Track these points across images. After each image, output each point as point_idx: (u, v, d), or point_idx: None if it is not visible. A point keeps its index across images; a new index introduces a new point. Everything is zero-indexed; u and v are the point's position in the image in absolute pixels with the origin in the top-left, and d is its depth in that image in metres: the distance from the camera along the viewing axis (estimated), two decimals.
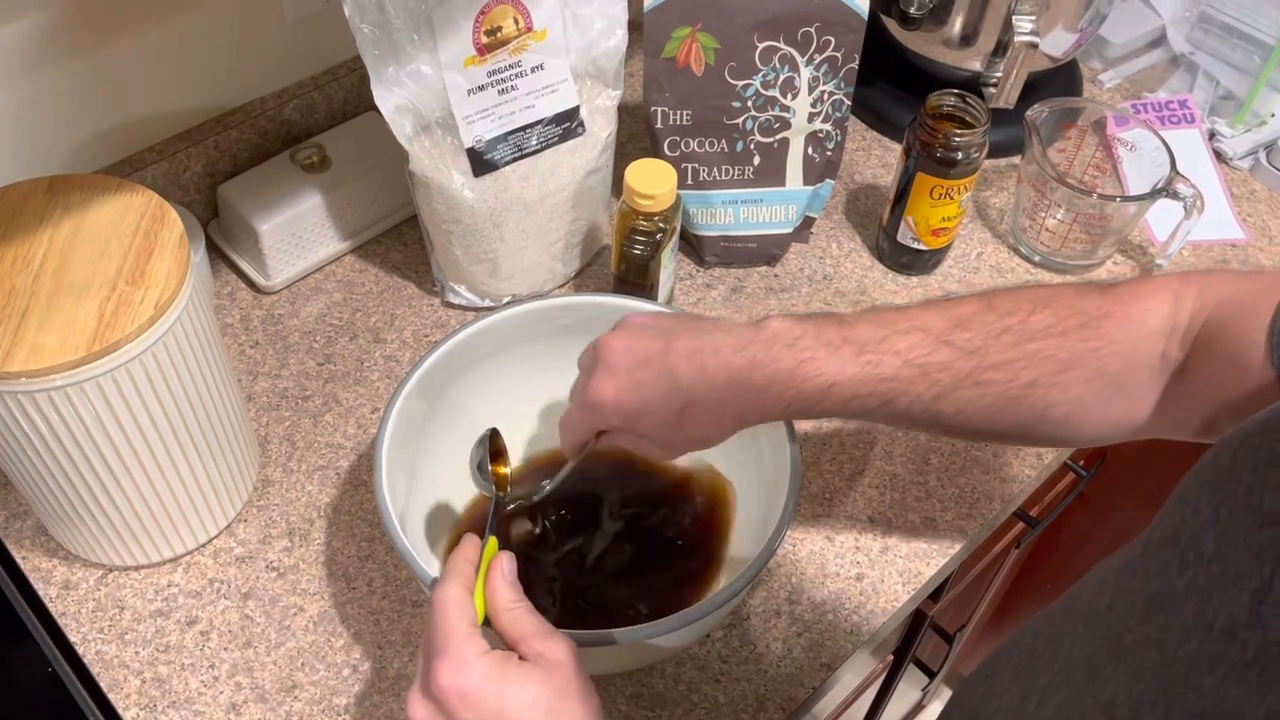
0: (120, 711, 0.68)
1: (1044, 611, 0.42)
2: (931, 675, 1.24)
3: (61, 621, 0.72)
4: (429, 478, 0.72)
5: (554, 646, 0.51)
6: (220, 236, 0.93)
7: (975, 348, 0.57)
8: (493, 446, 0.66)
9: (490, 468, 0.65)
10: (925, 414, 0.58)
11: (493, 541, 0.57)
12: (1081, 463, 1.05)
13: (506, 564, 0.55)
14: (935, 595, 1.01)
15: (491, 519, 0.60)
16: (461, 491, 0.75)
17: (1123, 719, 0.33)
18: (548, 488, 0.70)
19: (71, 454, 0.63)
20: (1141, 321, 0.57)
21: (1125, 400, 0.58)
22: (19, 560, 0.75)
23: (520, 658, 0.51)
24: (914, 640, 1.08)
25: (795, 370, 0.56)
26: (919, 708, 1.58)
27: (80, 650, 0.71)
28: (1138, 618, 0.35)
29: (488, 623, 0.53)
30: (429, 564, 0.68)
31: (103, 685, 0.69)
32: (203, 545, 0.76)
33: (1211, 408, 0.55)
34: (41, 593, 0.73)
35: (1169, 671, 0.32)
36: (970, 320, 0.58)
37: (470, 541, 0.56)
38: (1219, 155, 1.08)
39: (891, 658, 1.13)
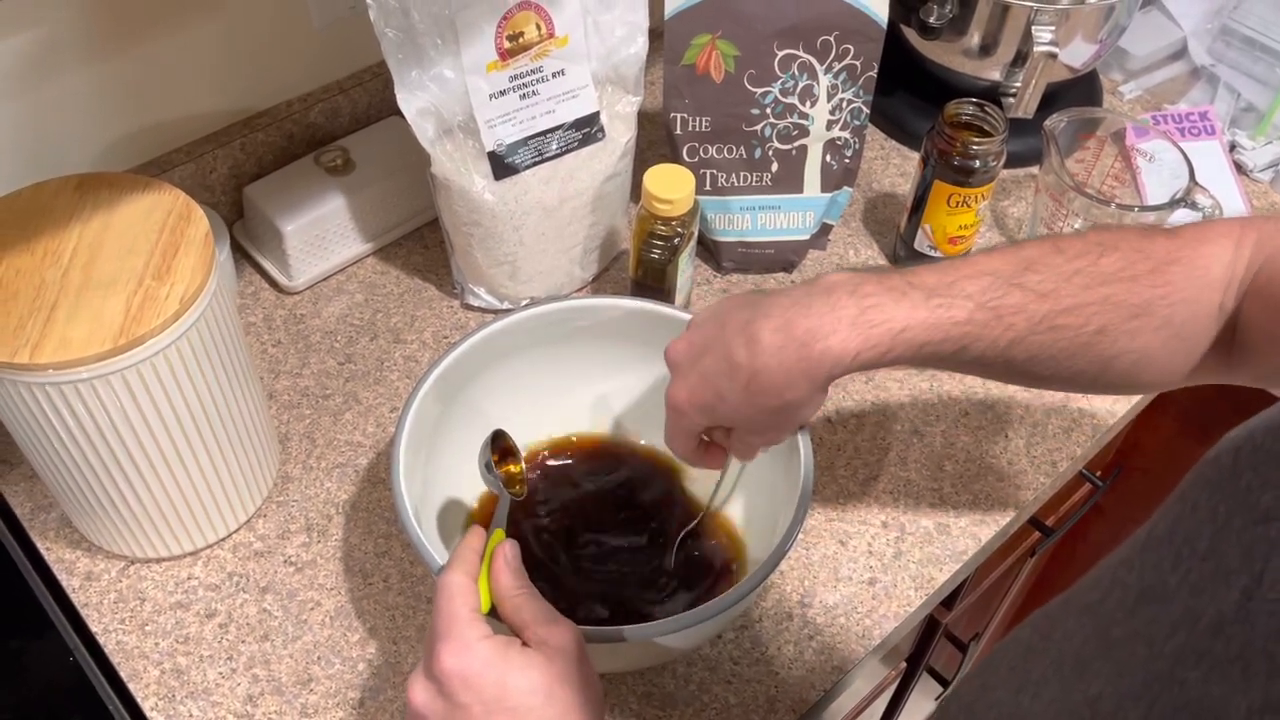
0: (139, 701, 0.69)
1: (1045, 607, 0.42)
2: (945, 684, 1.24)
3: (83, 612, 0.73)
4: (446, 476, 0.73)
5: (557, 633, 0.51)
6: (245, 237, 0.94)
7: (1047, 290, 0.55)
8: (503, 445, 0.67)
9: (500, 467, 0.66)
10: (999, 359, 0.56)
11: (498, 532, 0.57)
12: (1098, 473, 1.05)
13: (510, 551, 0.55)
14: (949, 602, 1.01)
15: (499, 513, 0.61)
16: (477, 489, 0.76)
17: (1108, 713, 0.33)
18: (713, 505, 0.74)
19: (96, 446, 0.64)
20: (1207, 269, 0.56)
21: (1185, 350, 0.57)
22: (43, 551, 0.76)
23: (524, 644, 0.51)
24: (927, 648, 1.08)
25: (860, 317, 0.54)
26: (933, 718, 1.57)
27: (101, 640, 0.72)
28: (1127, 611, 0.35)
29: (495, 612, 0.54)
30: (444, 560, 0.69)
31: (123, 675, 0.70)
32: (223, 539, 0.77)
33: (1260, 357, 0.55)
34: (64, 583, 0.74)
35: (1155, 666, 0.32)
36: (1039, 263, 0.56)
37: (475, 532, 0.57)
38: (1239, 167, 1.08)
39: (904, 665, 1.12)
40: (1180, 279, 0.56)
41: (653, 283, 0.86)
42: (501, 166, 0.83)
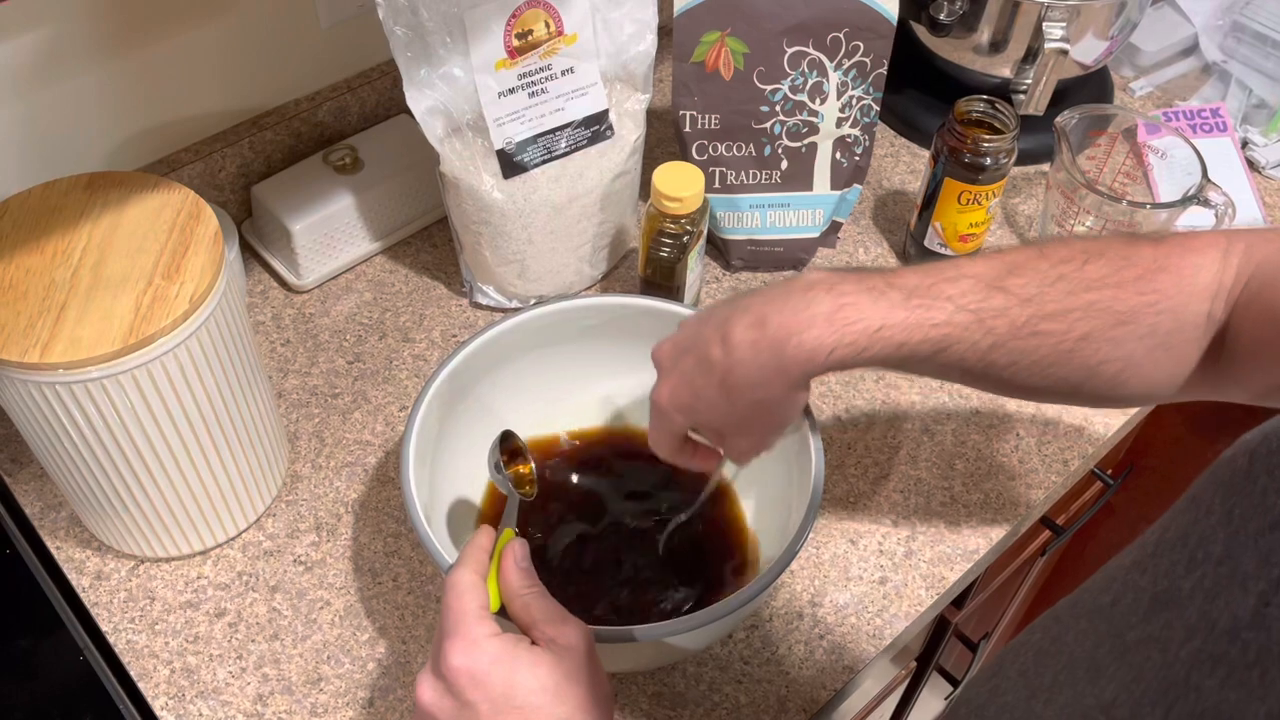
0: (149, 700, 0.69)
1: (1052, 609, 0.41)
2: (955, 684, 1.24)
3: (93, 611, 0.73)
4: (455, 475, 0.73)
5: (567, 631, 0.51)
6: (253, 236, 0.94)
7: (1030, 295, 0.54)
8: (512, 446, 0.67)
9: (509, 467, 0.66)
10: (979, 364, 0.55)
11: (508, 531, 0.57)
12: (1109, 472, 1.04)
13: (519, 550, 0.55)
14: (959, 602, 1.00)
15: (508, 513, 0.61)
16: (486, 489, 0.75)
17: (1123, 719, 0.33)
18: (683, 516, 0.72)
19: (106, 445, 0.64)
20: (1194, 278, 0.55)
21: (1172, 361, 0.56)
22: (53, 550, 0.76)
23: (532, 642, 0.51)
24: (937, 647, 1.08)
25: (836, 314, 0.53)
26: (942, 717, 1.56)
27: (111, 639, 0.72)
28: (1141, 616, 0.34)
29: (504, 611, 0.54)
30: (454, 559, 0.69)
31: (133, 674, 0.70)
32: (232, 538, 0.77)
33: (1253, 370, 0.54)
34: (74, 583, 0.75)
35: (1170, 672, 0.32)
36: (1022, 267, 0.55)
37: (485, 530, 0.57)
38: (1252, 164, 1.07)
39: (914, 665, 1.12)
40: (1166, 286, 0.55)
41: (662, 281, 0.85)
42: (510, 165, 0.83)
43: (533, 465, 0.67)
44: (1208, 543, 0.33)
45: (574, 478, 0.78)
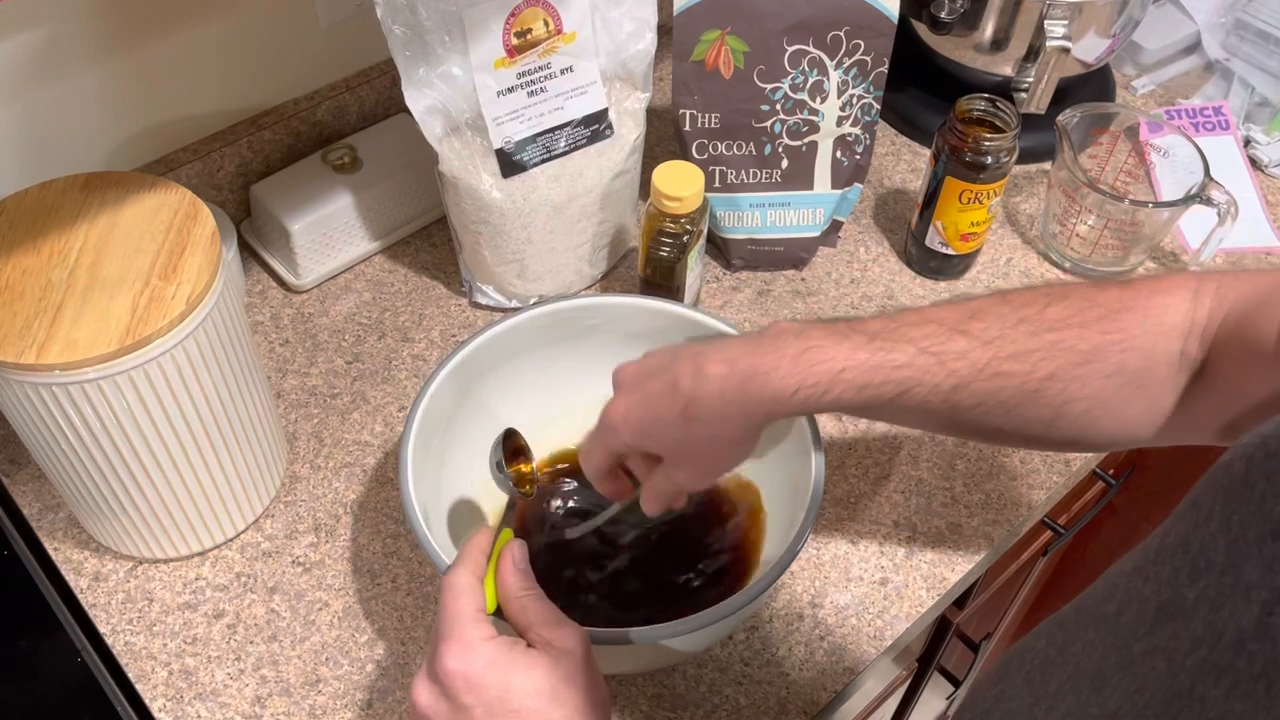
0: (147, 702, 0.69)
1: (1056, 616, 0.41)
2: (956, 684, 1.23)
3: (91, 612, 0.73)
4: (454, 476, 0.73)
5: (563, 635, 0.51)
6: (252, 235, 0.94)
7: (992, 337, 0.55)
8: (514, 445, 0.67)
9: (510, 466, 0.66)
10: (943, 406, 0.56)
11: (506, 532, 0.57)
12: (1111, 471, 1.04)
13: (518, 552, 0.55)
14: (960, 602, 1.00)
15: (507, 513, 0.61)
16: (486, 489, 0.75)
17: None
18: (576, 533, 0.71)
19: (104, 446, 0.64)
20: (1161, 318, 0.56)
21: (1145, 401, 0.57)
22: (51, 552, 0.76)
23: (529, 645, 0.51)
24: (939, 647, 1.08)
25: (801, 356, 0.55)
26: (944, 717, 1.56)
27: (109, 641, 0.72)
28: (1147, 626, 0.34)
29: (500, 612, 0.53)
30: (452, 560, 0.69)
31: (130, 676, 0.70)
32: (230, 539, 0.76)
33: (1232, 409, 0.54)
34: (72, 584, 0.74)
35: (1175, 682, 0.32)
36: (984, 312, 0.57)
37: (483, 532, 0.56)
38: (1254, 162, 1.07)
39: (916, 665, 1.12)
40: (1132, 325, 0.56)
41: (662, 280, 0.85)
42: (509, 164, 0.82)
43: (534, 465, 0.67)
44: (1209, 550, 0.33)
45: (572, 476, 0.77)
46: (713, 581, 0.72)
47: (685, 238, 0.82)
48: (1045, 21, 0.93)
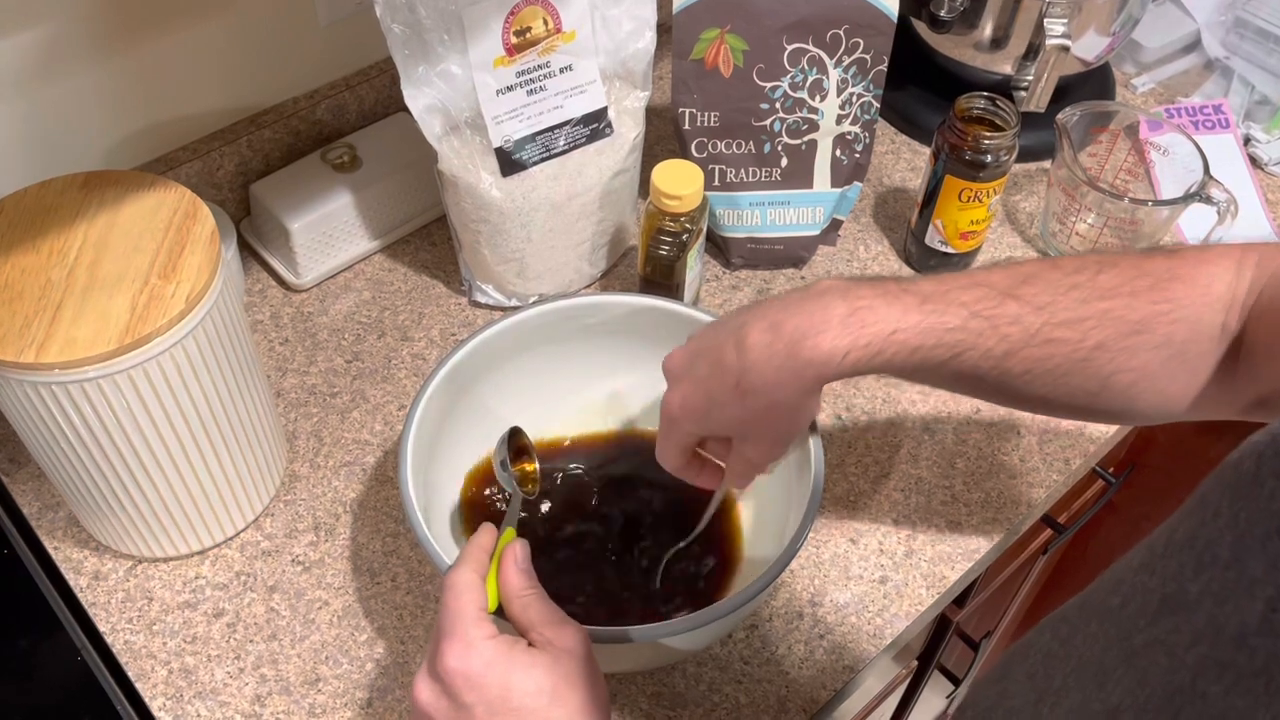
0: (147, 701, 0.69)
1: (1059, 611, 0.41)
2: (957, 683, 1.23)
3: (91, 611, 0.73)
4: (454, 474, 0.73)
5: (564, 634, 0.51)
6: (252, 234, 0.94)
7: (1044, 303, 0.54)
8: (518, 444, 0.67)
9: (514, 465, 0.66)
10: (993, 371, 0.55)
11: (509, 531, 0.57)
12: (1110, 470, 1.04)
13: (520, 551, 0.55)
14: (960, 600, 1.00)
15: (510, 512, 0.61)
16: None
17: None
18: (692, 535, 0.70)
19: (103, 445, 0.64)
20: (1208, 286, 0.55)
21: (1187, 373, 0.56)
22: (51, 551, 0.76)
23: (530, 644, 0.51)
24: (939, 646, 1.08)
25: (850, 317, 0.53)
26: (944, 716, 1.56)
27: (109, 640, 0.72)
28: (1149, 619, 0.34)
29: (501, 611, 0.54)
30: (452, 559, 0.69)
31: (130, 675, 0.70)
32: (230, 538, 0.76)
33: (1261, 384, 0.54)
34: (72, 583, 0.74)
35: (1176, 677, 0.32)
36: (1035, 277, 0.55)
37: (486, 530, 0.56)
38: (1254, 161, 1.07)
39: (916, 664, 1.12)
40: (1181, 295, 0.55)
41: (662, 279, 0.85)
42: (509, 163, 0.82)
43: (537, 464, 0.67)
44: (1215, 546, 0.33)
45: (573, 476, 0.77)
46: (694, 579, 0.72)
47: (685, 236, 0.82)
48: (1045, 20, 0.93)
